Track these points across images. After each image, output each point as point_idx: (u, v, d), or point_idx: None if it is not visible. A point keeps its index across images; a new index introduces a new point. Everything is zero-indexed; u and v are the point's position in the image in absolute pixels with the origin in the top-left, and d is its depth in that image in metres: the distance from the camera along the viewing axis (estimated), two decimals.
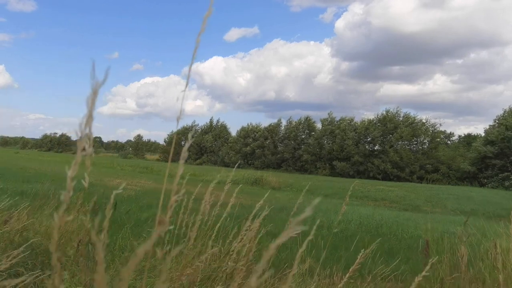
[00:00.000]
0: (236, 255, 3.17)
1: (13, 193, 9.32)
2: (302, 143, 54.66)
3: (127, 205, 9.86)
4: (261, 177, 25.21)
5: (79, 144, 0.67)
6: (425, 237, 7.94)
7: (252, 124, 62.18)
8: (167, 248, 3.29)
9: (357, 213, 11.86)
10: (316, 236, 7.87)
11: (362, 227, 9.13)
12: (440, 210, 15.64)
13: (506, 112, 40.68)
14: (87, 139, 0.67)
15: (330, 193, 21.02)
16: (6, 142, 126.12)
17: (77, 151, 0.68)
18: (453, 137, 54.59)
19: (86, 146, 0.68)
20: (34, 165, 28.64)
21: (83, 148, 0.68)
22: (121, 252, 3.79)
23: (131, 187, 16.26)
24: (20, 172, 17.90)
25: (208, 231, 3.05)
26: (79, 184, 0.73)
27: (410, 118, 48.38)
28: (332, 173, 47.85)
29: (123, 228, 4.73)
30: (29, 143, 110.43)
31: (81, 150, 0.68)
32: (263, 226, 3.67)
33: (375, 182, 32.49)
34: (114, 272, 3.03)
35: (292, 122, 57.84)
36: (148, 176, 26.44)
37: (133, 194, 13.13)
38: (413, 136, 47.09)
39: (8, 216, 3.44)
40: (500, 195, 22.57)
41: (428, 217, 11.93)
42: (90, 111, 0.66)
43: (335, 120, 53.63)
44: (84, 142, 0.67)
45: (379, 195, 20.55)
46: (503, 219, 12.41)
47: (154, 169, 33.70)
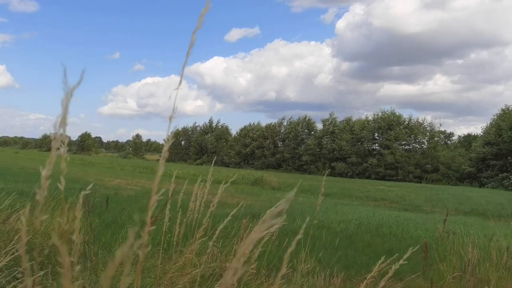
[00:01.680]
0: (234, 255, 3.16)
1: (12, 192, 9.32)
2: (301, 143, 54.66)
3: (127, 205, 9.86)
4: (261, 177, 25.20)
5: (53, 144, 0.69)
6: (425, 237, 7.94)
7: (252, 124, 62.23)
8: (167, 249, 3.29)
9: (357, 213, 11.85)
10: (316, 236, 7.87)
11: (362, 227, 9.12)
12: (440, 210, 15.63)
13: (505, 112, 40.65)
14: (60, 140, 0.69)
15: (330, 193, 21.03)
16: (6, 142, 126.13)
17: (51, 151, 0.69)
18: (453, 137, 54.66)
19: (60, 146, 0.69)
20: (34, 165, 28.64)
21: (57, 148, 0.69)
22: None
23: (131, 187, 16.26)
24: (19, 172, 17.90)
25: (208, 232, 3.05)
26: (78, 184, 0.73)
27: (404, 118, 48.43)
28: (332, 173, 47.88)
29: (123, 228, 4.72)
30: (29, 143, 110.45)
31: (55, 150, 0.69)
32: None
33: (375, 182, 32.49)
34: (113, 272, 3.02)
35: (293, 122, 57.84)
36: (148, 176, 26.43)
37: (133, 194, 13.13)
38: (410, 136, 47.10)
39: (7, 215, 3.44)
40: (500, 195, 22.57)
41: (428, 217, 11.93)
42: (64, 113, 0.69)
43: (336, 120, 53.64)
44: (58, 142, 0.69)
45: (379, 195, 20.55)
46: (503, 219, 12.41)
47: (154, 169, 33.65)
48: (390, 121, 48.23)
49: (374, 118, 50.39)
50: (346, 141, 48.77)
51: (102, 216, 6.61)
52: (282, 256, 3.34)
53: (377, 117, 49.87)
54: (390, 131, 47.46)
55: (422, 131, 47.59)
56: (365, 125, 49.55)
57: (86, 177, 19.17)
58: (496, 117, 41.10)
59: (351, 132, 49.71)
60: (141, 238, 2.69)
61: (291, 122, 58.18)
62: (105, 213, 6.93)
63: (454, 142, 52.59)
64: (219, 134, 66.63)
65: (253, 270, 2.78)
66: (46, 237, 3.61)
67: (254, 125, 61.53)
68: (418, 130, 47.36)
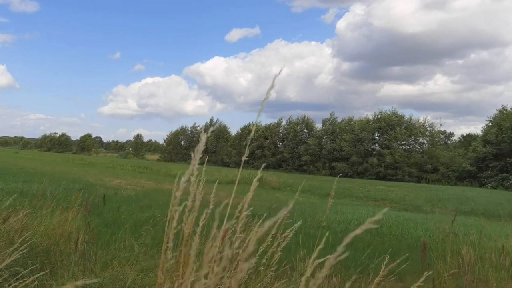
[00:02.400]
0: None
1: (12, 192, 9.31)
2: (301, 143, 54.63)
3: (127, 205, 9.86)
4: (261, 177, 25.11)
5: None
6: (424, 237, 7.93)
7: (252, 123, 62.16)
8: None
9: (357, 213, 11.85)
10: (316, 236, 7.87)
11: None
12: (440, 210, 15.62)
13: (503, 113, 40.62)
14: None
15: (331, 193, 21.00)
16: (6, 142, 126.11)
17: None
18: (453, 137, 54.59)
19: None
20: (34, 165, 28.63)
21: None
22: (120, 252, 3.78)
23: (131, 187, 16.25)
24: (19, 172, 17.88)
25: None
26: (78, 184, 0.73)
27: (405, 118, 48.38)
28: (332, 174, 47.85)
29: (122, 228, 4.72)
30: (29, 143, 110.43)
31: None
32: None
33: (375, 182, 32.47)
34: (114, 272, 3.02)
35: (292, 122, 57.76)
36: (148, 176, 26.43)
37: (133, 194, 13.13)
38: (409, 136, 47.06)
39: (7, 215, 3.44)
40: (500, 195, 22.55)
41: (428, 217, 11.93)
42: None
43: (336, 120, 53.59)
44: None
45: (379, 195, 20.54)
46: (502, 219, 12.39)
47: (154, 169, 33.69)
48: (391, 121, 48.21)
49: (374, 118, 50.38)
50: (346, 141, 48.75)
51: (101, 216, 6.61)
52: (281, 256, 3.32)
53: (378, 117, 49.85)
54: (390, 131, 47.43)
55: (422, 131, 47.56)
56: (366, 125, 49.52)
57: (86, 177, 19.16)
58: (496, 117, 41.07)
59: (351, 132, 49.69)
60: (141, 237, 2.67)
61: (290, 122, 58.15)
62: (104, 213, 6.93)
63: (454, 142, 52.56)
64: (218, 134, 66.58)
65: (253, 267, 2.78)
66: (46, 237, 3.61)
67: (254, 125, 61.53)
68: (419, 130, 47.33)
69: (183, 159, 67.92)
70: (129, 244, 3.97)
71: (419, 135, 47.21)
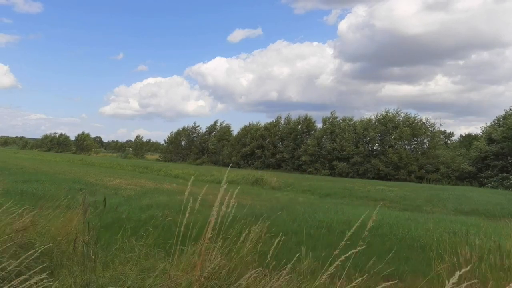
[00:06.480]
0: (236, 254, 3.17)
1: (12, 193, 9.32)
2: (301, 143, 54.56)
3: (127, 205, 9.86)
4: (261, 177, 25.18)
5: None
6: (425, 237, 7.93)
7: (252, 123, 62.16)
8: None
9: (357, 213, 11.85)
10: (316, 236, 7.87)
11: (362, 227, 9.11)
12: (440, 210, 15.62)
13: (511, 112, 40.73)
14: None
15: (331, 193, 21.03)
16: (7, 142, 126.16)
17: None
18: (453, 137, 54.55)
19: None
20: (34, 165, 28.64)
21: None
22: (121, 252, 3.78)
23: (131, 187, 16.24)
24: (20, 172, 17.89)
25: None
26: (78, 184, 0.73)
27: (410, 118, 48.33)
28: (332, 174, 47.79)
29: (122, 228, 4.72)
30: (29, 143, 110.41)
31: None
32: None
33: (375, 182, 32.47)
34: (114, 272, 3.02)
35: (291, 121, 57.63)
36: (148, 176, 26.41)
37: (133, 194, 13.13)
38: (413, 136, 47.01)
39: (7, 216, 3.44)
40: (500, 195, 22.55)
41: (428, 217, 11.92)
42: None
43: (336, 120, 53.47)
44: None
45: (379, 195, 20.52)
46: (503, 219, 12.40)
47: (154, 168, 33.68)
48: (395, 121, 48.16)
49: (378, 117, 50.30)
50: (347, 141, 48.67)
51: (101, 216, 6.61)
52: (278, 254, 3.32)
53: (382, 115, 49.79)
54: (392, 131, 47.39)
55: (424, 131, 47.50)
56: (368, 125, 49.45)
57: (86, 177, 19.16)
58: (505, 116, 40.99)
59: (353, 132, 49.61)
60: (142, 238, 2.69)
61: (289, 122, 58.01)
62: (104, 213, 6.93)
63: (454, 142, 52.51)
64: (221, 135, 66.55)
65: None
66: (46, 237, 3.61)
67: (254, 125, 61.45)
68: (420, 130, 47.27)
69: (183, 159, 67.89)
70: (130, 244, 3.98)
71: (422, 134, 47.17)
